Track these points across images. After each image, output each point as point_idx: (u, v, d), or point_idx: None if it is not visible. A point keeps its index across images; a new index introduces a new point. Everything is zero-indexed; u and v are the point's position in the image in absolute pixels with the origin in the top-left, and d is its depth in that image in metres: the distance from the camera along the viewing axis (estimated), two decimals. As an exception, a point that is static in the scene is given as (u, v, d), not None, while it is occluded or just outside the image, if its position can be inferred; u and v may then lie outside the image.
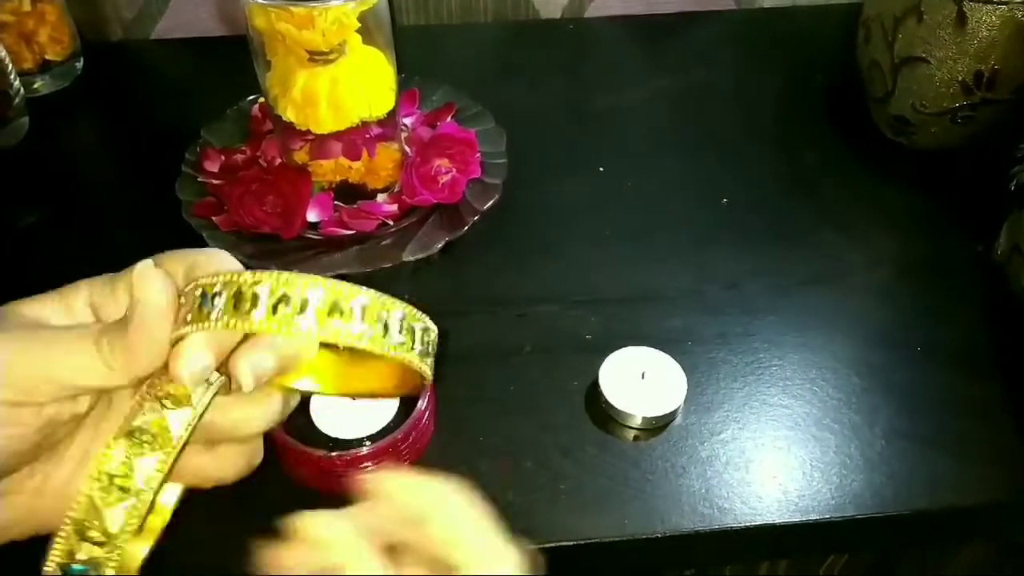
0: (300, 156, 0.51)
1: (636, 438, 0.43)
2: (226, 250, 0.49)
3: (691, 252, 0.53)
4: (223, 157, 0.55)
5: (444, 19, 0.75)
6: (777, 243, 0.54)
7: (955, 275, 0.52)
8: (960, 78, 0.52)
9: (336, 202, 0.53)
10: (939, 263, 0.53)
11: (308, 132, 0.49)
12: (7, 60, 0.60)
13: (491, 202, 0.53)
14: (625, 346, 0.45)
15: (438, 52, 0.72)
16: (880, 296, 0.51)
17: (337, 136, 0.50)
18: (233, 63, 0.71)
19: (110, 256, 0.53)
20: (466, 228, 0.52)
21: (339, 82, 0.48)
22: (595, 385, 0.44)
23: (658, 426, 0.43)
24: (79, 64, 0.68)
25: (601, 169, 0.60)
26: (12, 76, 0.60)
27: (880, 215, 0.57)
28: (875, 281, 0.52)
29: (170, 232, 0.53)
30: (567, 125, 0.64)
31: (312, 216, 0.52)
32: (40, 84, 0.66)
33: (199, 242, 0.51)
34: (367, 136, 0.50)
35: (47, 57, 0.65)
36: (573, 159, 0.61)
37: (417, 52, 0.67)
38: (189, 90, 0.69)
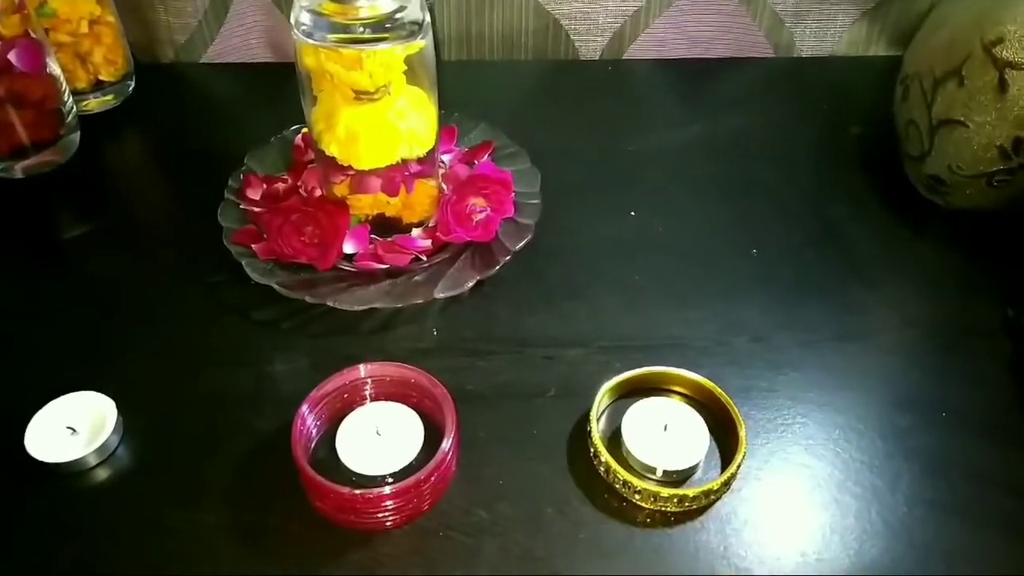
0: (340, 189, 0.53)
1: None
2: (262, 278, 0.51)
3: (719, 302, 0.54)
4: (265, 185, 0.57)
5: (485, 56, 0.76)
6: (805, 297, 0.54)
7: (984, 339, 0.52)
8: (999, 143, 0.52)
9: (372, 235, 0.54)
10: (968, 326, 0.53)
11: (349, 167, 0.50)
12: (62, 80, 0.62)
13: (523, 242, 0.54)
14: (649, 396, 0.46)
15: (476, 88, 0.73)
16: (907, 357, 0.51)
17: (377, 172, 0.51)
18: (278, 89, 0.73)
19: (152, 274, 0.55)
20: (497, 268, 0.53)
21: (382, 121, 0.49)
22: (618, 434, 0.44)
23: (679, 479, 0.43)
24: (131, 84, 0.70)
25: (632, 213, 0.60)
26: (66, 95, 0.62)
27: (910, 274, 0.56)
28: (903, 341, 0.52)
29: (210, 256, 0.54)
30: (601, 167, 0.65)
31: (348, 248, 0.53)
32: (92, 103, 0.68)
33: (237, 269, 0.53)
34: (406, 173, 0.51)
35: (101, 77, 0.68)
36: (605, 201, 0.61)
37: (455, 87, 0.68)
38: (235, 114, 0.71)
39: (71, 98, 0.63)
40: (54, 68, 0.60)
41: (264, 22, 0.74)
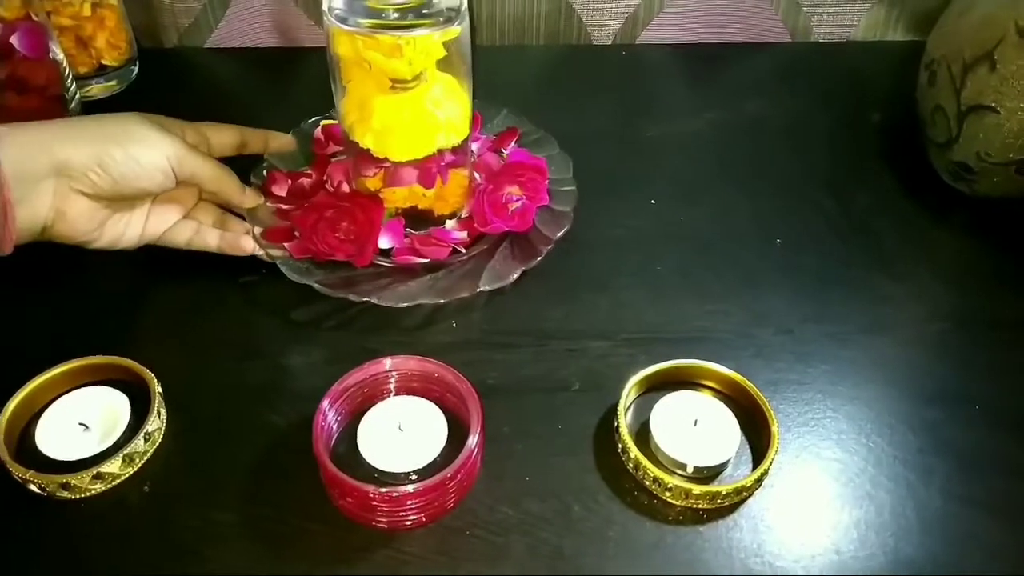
0: (373, 183, 0.51)
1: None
2: (299, 277, 0.50)
3: (744, 293, 0.52)
4: (290, 181, 0.55)
5: (496, 41, 0.75)
6: (831, 288, 0.53)
7: (1015, 331, 0.51)
8: (1029, 130, 0.51)
9: (406, 229, 0.52)
10: (997, 317, 0.52)
11: (384, 159, 0.49)
12: (65, 64, 0.60)
13: (563, 231, 0.53)
14: (676, 390, 0.45)
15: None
16: (937, 349, 0.50)
17: (413, 163, 0.49)
18: (284, 74, 0.72)
19: (176, 272, 0.53)
20: (540, 258, 0.51)
21: (419, 110, 0.47)
22: (645, 429, 0.43)
23: (709, 475, 0.42)
24: (134, 69, 0.68)
25: (652, 202, 0.59)
26: (69, 80, 0.61)
27: (937, 263, 0.55)
28: (932, 333, 0.51)
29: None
30: (618, 154, 0.64)
31: (383, 243, 0.51)
32: (95, 88, 0.66)
33: (271, 268, 0.51)
34: (441, 163, 0.50)
35: (103, 62, 0.66)
36: (624, 190, 0.60)
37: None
38: (241, 100, 0.69)
39: (74, 83, 0.61)
40: (57, 53, 0.59)
41: (269, 6, 0.73)
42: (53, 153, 0.42)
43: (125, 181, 0.44)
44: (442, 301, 0.49)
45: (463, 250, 0.52)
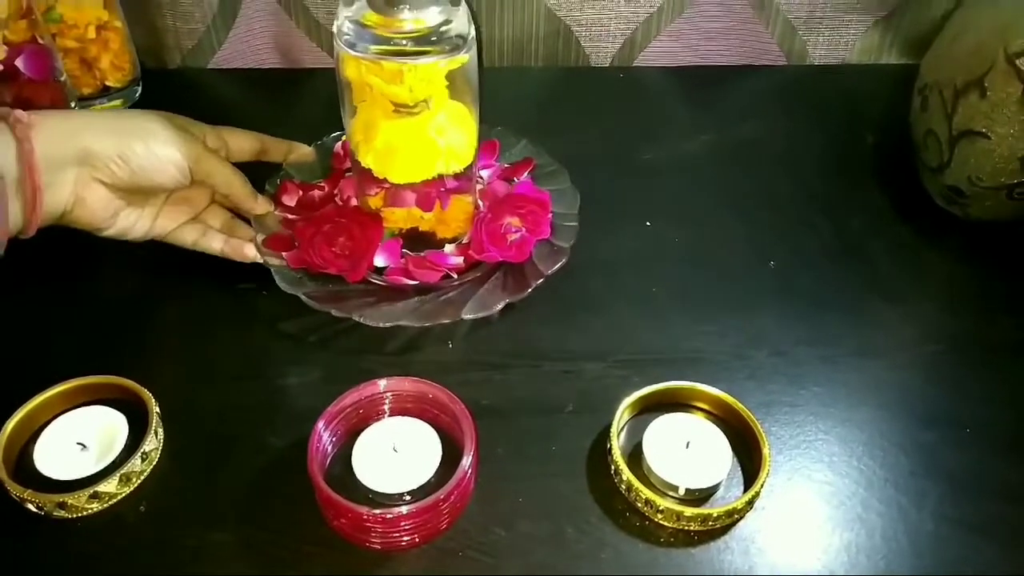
0: (374, 201, 0.52)
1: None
2: (289, 287, 0.50)
3: (738, 315, 0.53)
4: (301, 192, 0.56)
5: (495, 62, 0.76)
6: (825, 311, 0.53)
7: (1006, 354, 0.51)
8: (1020, 155, 0.52)
9: (404, 250, 0.53)
10: (989, 340, 0.52)
11: (385, 180, 0.49)
12: (69, 85, 0.61)
13: (557, 266, 0.52)
14: (670, 411, 0.45)
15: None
16: (930, 372, 0.50)
17: (412, 186, 0.50)
18: (286, 95, 0.72)
19: (174, 284, 0.53)
20: (528, 291, 0.51)
21: (421, 136, 0.48)
22: (638, 450, 0.43)
23: (701, 497, 0.42)
24: (137, 90, 0.69)
25: (648, 223, 0.60)
26: (74, 103, 0.61)
27: (930, 287, 0.56)
28: (925, 356, 0.51)
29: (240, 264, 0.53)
30: (615, 176, 0.64)
31: (379, 261, 0.52)
32: (98, 108, 0.67)
33: (266, 275, 0.52)
34: (442, 188, 0.50)
35: (107, 83, 0.67)
36: (620, 211, 0.60)
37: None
38: (243, 120, 0.68)
39: (77, 105, 0.62)
40: (61, 74, 0.59)
41: (272, 28, 0.73)
42: (79, 141, 0.45)
43: (143, 173, 0.47)
44: (427, 324, 0.49)
45: (455, 276, 0.52)
